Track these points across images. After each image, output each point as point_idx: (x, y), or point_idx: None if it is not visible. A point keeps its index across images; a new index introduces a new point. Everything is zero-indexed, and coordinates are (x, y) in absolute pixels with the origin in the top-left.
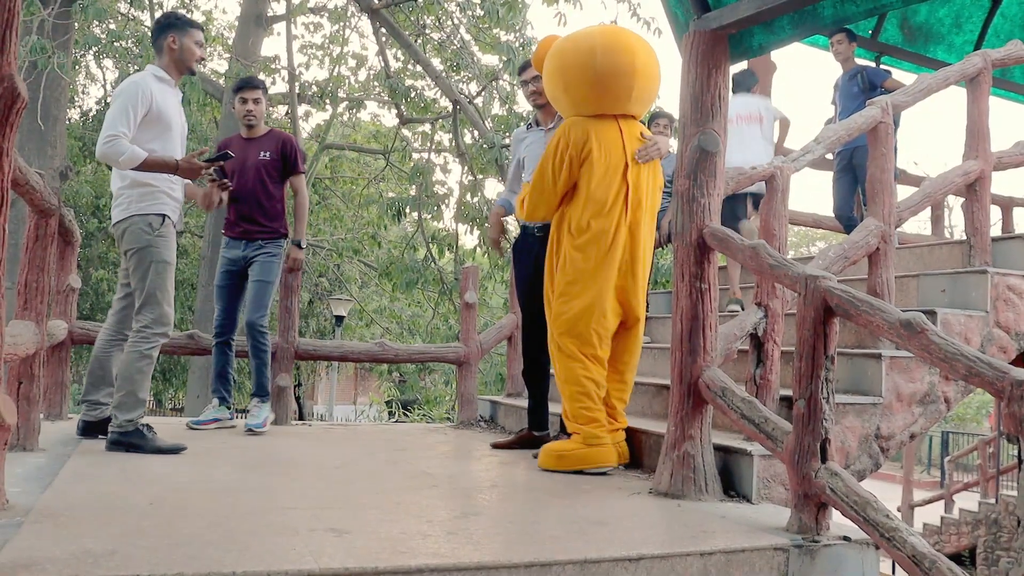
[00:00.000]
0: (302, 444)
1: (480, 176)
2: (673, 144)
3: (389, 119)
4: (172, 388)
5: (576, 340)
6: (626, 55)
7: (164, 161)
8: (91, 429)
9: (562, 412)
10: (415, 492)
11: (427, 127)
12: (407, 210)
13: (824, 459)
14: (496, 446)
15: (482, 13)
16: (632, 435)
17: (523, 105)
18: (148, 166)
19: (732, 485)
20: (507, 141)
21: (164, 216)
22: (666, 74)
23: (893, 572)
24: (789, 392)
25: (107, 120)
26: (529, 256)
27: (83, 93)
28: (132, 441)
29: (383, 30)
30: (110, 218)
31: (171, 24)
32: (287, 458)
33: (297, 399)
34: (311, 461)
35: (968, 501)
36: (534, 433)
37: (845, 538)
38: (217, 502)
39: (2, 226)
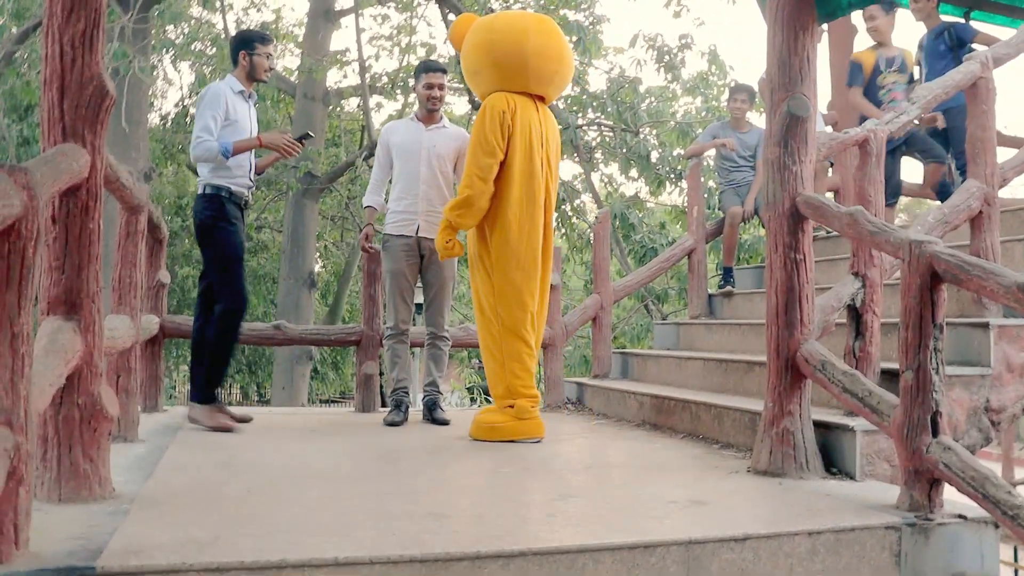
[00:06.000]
0: (391, 430)
1: None
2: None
3: (461, 105)
4: (257, 380)
5: (523, 315)
6: (556, 40)
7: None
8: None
9: (493, 385)
10: (510, 475)
11: None
12: None
13: (936, 433)
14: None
15: None
16: (724, 413)
17: (596, 84)
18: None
19: (833, 462)
20: (581, 121)
21: None
22: (749, 40)
23: (1015, 558)
24: (890, 365)
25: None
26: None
27: (162, 97)
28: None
29: (451, 16)
30: (190, 217)
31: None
32: (378, 444)
33: (380, 387)
34: (401, 447)
35: None
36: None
37: (961, 516)
38: (313, 489)
39: (97, 222)
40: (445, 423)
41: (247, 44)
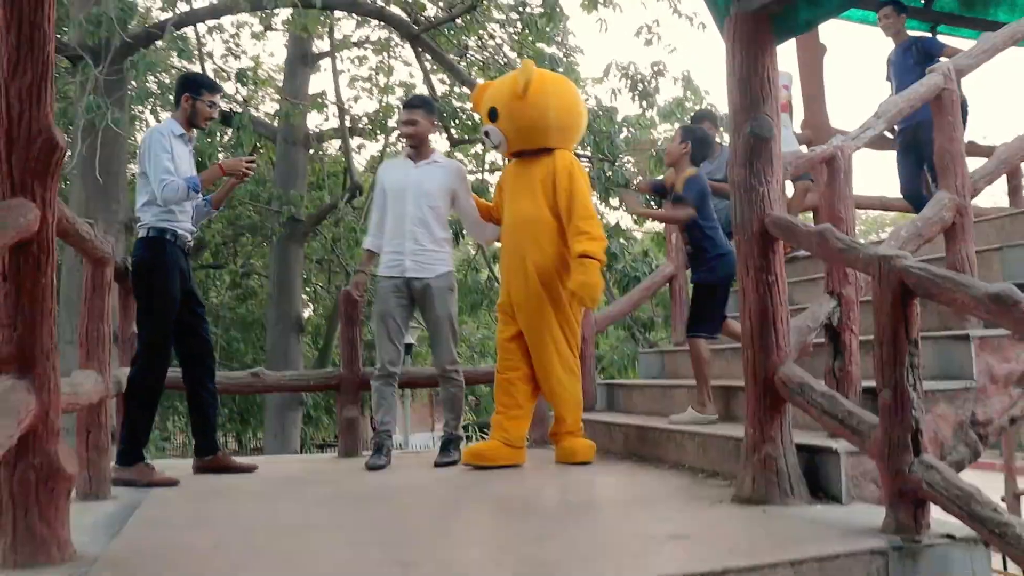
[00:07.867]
0: (369, 475)
1: None
2: None
3: (440, 143)
4: (251, 428)
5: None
6: None
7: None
8: None
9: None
10: (488, 518)
11: (478, 147)
12: (464, 232)
13: (917, 451)
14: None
15: (521, 28)
16: (709, 441)
17: None
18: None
19: (819, 486)
20: None
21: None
22: (714, 68)
23: (1004, 567)
24: (872, 383)
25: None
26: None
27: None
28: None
29: (426, 55)
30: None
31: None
32: (355, 491)
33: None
34: (379, 492)
35: None
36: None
37: (949, 536)
38: (283, 541)
39: (50, 277)
40: (444, 464)
41: (193, 88)
